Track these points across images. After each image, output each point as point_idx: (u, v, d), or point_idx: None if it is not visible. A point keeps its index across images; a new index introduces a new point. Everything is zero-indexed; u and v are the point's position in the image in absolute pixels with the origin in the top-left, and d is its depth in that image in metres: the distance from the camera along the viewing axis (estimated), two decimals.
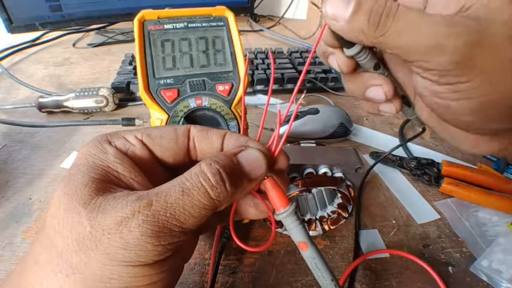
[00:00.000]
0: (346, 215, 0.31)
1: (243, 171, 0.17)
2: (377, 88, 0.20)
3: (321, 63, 0.62)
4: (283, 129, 0.44)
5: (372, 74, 0.20)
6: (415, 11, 0.16)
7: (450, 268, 0.30)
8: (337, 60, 0.20)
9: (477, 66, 0.15)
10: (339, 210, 0.31)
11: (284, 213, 0.18)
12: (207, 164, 0.16)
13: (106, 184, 0.16)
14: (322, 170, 0.29)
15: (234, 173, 0.16)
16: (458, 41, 0.15)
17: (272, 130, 0.45)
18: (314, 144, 0.33)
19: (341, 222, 0.31)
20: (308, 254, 0.19)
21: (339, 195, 0.30)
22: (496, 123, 0.17)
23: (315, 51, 0.20)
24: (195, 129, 0.19)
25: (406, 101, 0.22)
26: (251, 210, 0.20)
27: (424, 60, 0.16)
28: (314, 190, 0.35)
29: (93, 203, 0.15)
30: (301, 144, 0.33)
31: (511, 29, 0.15)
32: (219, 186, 0.15)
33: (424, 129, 0.22)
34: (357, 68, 0.20)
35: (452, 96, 0.16)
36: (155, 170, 0.19)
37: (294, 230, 0.18)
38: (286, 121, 0.44)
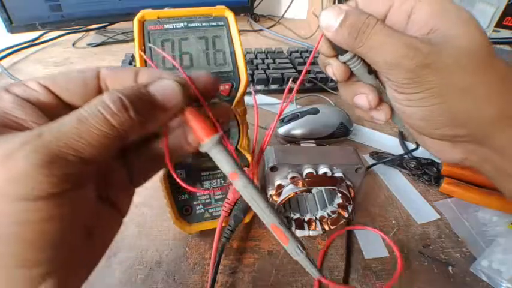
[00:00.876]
0: (346, 215, 0.31)
1: (153, 99, 0.16)
2: (362, 96, 0.23)
3: None
4: (283, 129, 0.44)
5: (361, 83, 0.23)
6: (386, 30, 0.19)
7: (450, 268, 0.30)
8: (333, 69, 0.23)
9: (425, 84, 0.19)
10: (339, 210, 0.31)
11: (208, 144, 0.17)
12: (108, 93, 0.15)
13: (2, 128, 0.14)
14: (322, 170, 0.29)
15: (140, 101, 0.15)
16: (412, 62, 0.18)
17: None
18: (314, 144, 0.33)
19: (341, 222, 0.31)
20: (240, 184, 0.18)
21: (339, 195, 0.30)
22: (444, 130, 0.20)
23: (315, 53, 0.22)
24: (105, 70, 0.18)
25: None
26: (187, 147, 0.19)
27: (388, 73, 0.20)
28: (314, 190, 0.35)
29: None
30: (301, 144, 0.33)
31: (460, 55, 0.18)
32: (120, 114, 0.14)
33: (417, 145, 0.24)
34: (350, 77, 0.23)
35: (406, 103, 0.20)
36: None
37: (221, 161, 0.18)
38: (287, 121, 0.44)
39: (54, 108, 0.17)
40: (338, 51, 0.21)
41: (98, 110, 0.14)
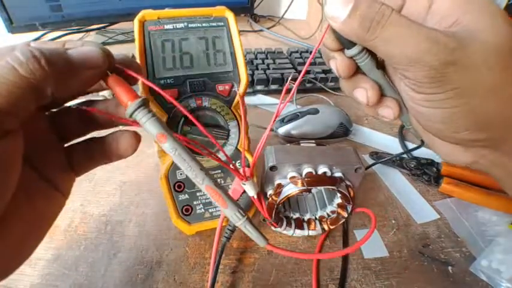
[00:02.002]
0: (346, 215, 0.31)
1: (71, 56, 0.16)
2: (362, 90, 0.21)
3: (321, 64, 0.62)
4: (283, 129, 0.44)
5: (364, 76, 0.21)
6: (405, 21, 0.17)
7: (450, 268, 0.30)
8: (336, 64, 0.21)
9: (450, 83, 0.17)
10: (339, 210, 0.31)
11: (132, 107, 0.17)
12: (19, 45, 0.15)
13: None
14: (322, 169, 0.29)
15: (55, 55, 0.15)
16: (435, 58, 0.16)
17: (272, 130, 0.45)
18: (314, 144, 0.33)
19: (340, 222, 0.31)
20: (168, 146, 0.18)
21: (339, 195, 0.30)
22: (464, 134, 0.19)
23: (316, 52, 0.21)
24: (34, 43, 0.18)
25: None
26: (118, 118, 0.20)
27: (405, 69, 0.17)
28: (314, 190, 0.35)
29: None
30: (301, 144, 0.33)
31: (487, 52, 0.16)
32: (30, 63, 0.14)
33: (422, 142, 0.23)
34: (354, 74, 0.22)
35: (425, 104, 0.19)
36: None
37: (147, 124, 0.18)
38: (287, 121, 0.45)
39: None
40: (345, 44, 0.20)
41: (6, 61, 0.14)
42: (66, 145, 0.21)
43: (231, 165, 0.21)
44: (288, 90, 0.25)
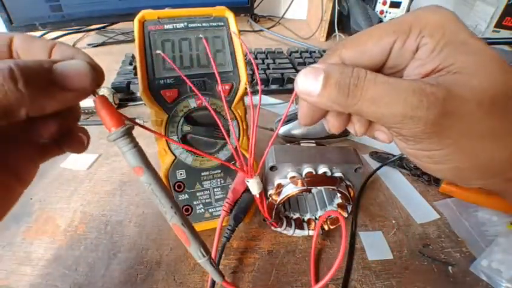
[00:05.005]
0: (346, 215, 0.31)
1: (54, 77, 0.15)
2: (349, 124, 0.21)
3: None
4: (283, 129, 0.44)
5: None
6: (382, 78, 0.15)
7: (450, 268, 0.30)
8: (328, 125, 0.21)
9: (449, 136, 0.16)
10: (339, 210, 0.31)
11: (115, 134, 0.17)
12: (2, 61, 0.14)
13: None
14: (322, 169, 0.29)
15: (36, 76, 0.14)
16: (430, 112, 0.15)
17: (272, 130, 0.45)
18: (314, 144, 0.33)
19: (340, 223, 0.31)
20: (144, 180, 0.18)
21: (339, 195, 0.30)
22: (476, 182, 0.18)
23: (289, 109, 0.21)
24: (18, 40, 0.17)
25: None
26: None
27: (399, 128, 0.16)
28: (314, 190, 0.35)
29: None
30: (301, 144, 0.33)
31: (482, 98, 0.15)
32: (6, 84, 0.13)
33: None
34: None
35: (428, 160, 0.17)
36: None
37: (127, 154, 0.17)
38: (287, 121, 0.44)
39: None
40: None
41: None
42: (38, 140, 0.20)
43: (237, 165, 0.21)
44: (290, 91, 0.25)
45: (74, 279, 0.28)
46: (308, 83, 0.16)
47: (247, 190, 0.28)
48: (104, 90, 0.48)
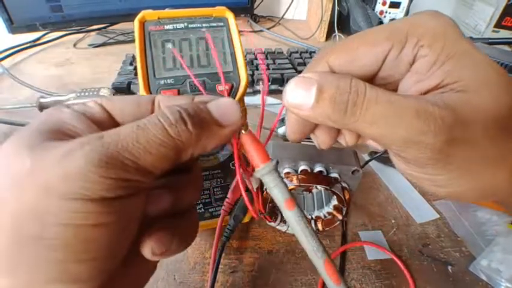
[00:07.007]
0: (341, 217, 0.31)
1: (211, 115, 0.16)
2: (340, 136, 0.20)
3: None
4: (283, 129, 0.44)
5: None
6: (384, 96, 0.14)
7: (449, 267, 0.30)
8: (317, 141, 0.20)
9: (454, 162, 0.15)
10: (334, 212, 0.31)
11: (264, 169, 0.17)
12: (167, 106, 0.15)
13: (61, 135, 0.14)
14: (318, 168, 0.29)
15: (198, 115, 0.15)
16: (436, 139, 0.14)
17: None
18: (313, 143, 0.33)
19: (335, 224, 0.31)
20: (295, 213, 0.17)
21: (335, 196, 0.30)
22: (474, 200, 0.18)
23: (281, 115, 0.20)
24: (161, 96, 0.18)
25: None
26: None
27: (401, 151, 0.15)
28: (314, 190, 0.35)
29: (41, 145, 0.13)
30: (302, 142, 0.33)
31: (488, 123, 0.14)
32: (178, 125, 0.14)
33: None
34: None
35: (430, 183, 0.17)
36: None
37: (275, 188, 0.17)
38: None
39: (108, 125, 0.17)
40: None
41: (157, 119, 0.14)
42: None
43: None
44: None
45: None
46: (299, 95, 0.15)
47: (247, 190, 0.28)
48: (104, 90, 0.48)
